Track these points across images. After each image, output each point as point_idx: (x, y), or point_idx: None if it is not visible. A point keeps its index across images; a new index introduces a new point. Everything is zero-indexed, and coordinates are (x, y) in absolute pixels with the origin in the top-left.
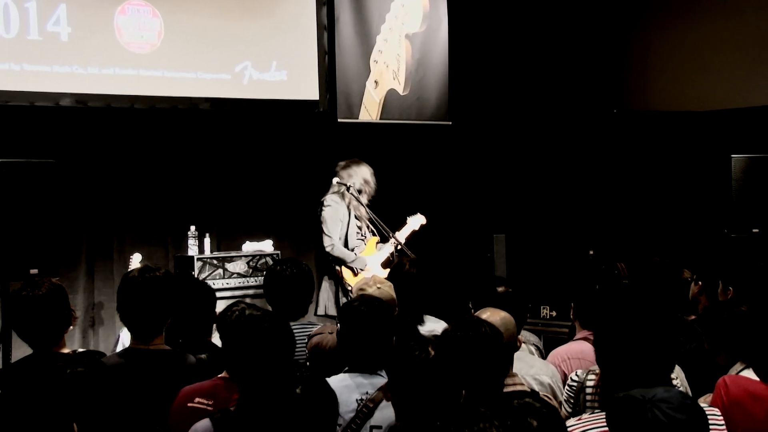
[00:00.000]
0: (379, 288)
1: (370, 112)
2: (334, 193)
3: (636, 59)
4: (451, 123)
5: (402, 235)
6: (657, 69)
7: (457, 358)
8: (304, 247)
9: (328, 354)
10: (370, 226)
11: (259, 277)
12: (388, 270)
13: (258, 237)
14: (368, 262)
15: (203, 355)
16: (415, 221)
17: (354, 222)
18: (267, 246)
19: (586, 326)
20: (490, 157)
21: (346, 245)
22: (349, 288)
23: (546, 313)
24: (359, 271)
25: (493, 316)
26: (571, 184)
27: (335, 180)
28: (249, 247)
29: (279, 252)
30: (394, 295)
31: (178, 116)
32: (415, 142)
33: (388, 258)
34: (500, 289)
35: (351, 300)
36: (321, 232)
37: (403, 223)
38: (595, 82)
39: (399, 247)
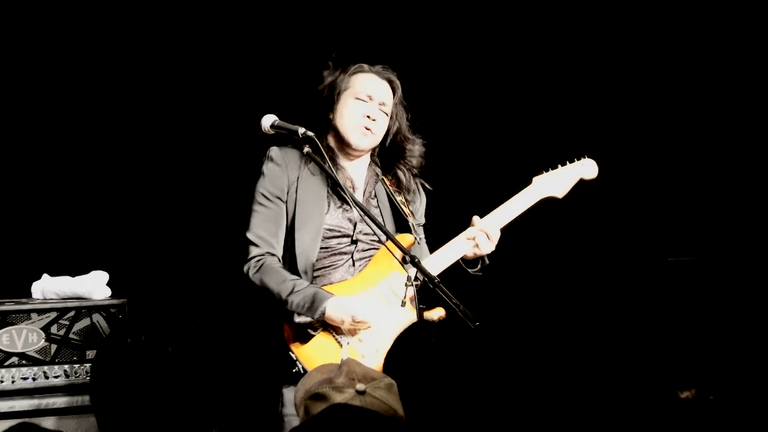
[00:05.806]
0: (361, 393)
1: None
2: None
3: None
4: None
5: (476, 233)
6: None
7: None
8: (196, 289)
9: None
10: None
11: (78, 365)
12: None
13: (73, 267)
14: (348, 306)
15: None
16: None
17: (320, 208)
18: (96, 286)
19: None
20: (658, 85)
21: (293, 257)
22: (297, 368)
23: None
24: (313, 328)
25: None
26: None
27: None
28: (50, 287)
29: (125, 300)
30: (400, 410)
31: None
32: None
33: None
34: (684, 395)
35: (309, 422)
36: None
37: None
38: None
39: (417, 280)
